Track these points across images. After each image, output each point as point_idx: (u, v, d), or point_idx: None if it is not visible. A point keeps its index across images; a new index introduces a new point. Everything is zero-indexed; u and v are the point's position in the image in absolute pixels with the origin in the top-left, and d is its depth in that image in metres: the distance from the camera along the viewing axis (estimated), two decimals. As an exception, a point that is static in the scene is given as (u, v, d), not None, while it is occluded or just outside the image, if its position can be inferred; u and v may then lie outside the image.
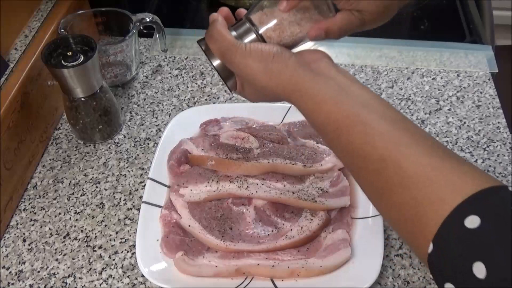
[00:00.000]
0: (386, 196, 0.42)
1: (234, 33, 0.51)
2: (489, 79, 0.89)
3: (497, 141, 0.79)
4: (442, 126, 0.82)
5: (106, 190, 0.74)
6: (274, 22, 0.50)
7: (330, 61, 0.49)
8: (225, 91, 0.88)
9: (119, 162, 0.78)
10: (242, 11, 0.54)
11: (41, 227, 0.70)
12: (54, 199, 0.74)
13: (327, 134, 0.46)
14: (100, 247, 0.68)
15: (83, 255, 0.67)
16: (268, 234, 0.65)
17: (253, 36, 0.51)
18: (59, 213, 0.72)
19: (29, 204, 0.73)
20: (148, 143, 0.81)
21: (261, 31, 0.51)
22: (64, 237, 0.69)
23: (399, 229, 0.42)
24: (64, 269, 0.66)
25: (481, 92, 0.87)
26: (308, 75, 0.47)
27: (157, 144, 0.76)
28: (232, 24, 0.52)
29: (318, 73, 0.47)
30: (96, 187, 0.75)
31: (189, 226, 0.66)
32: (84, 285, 0.64)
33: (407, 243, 0.43)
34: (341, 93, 0.45)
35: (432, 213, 0.37)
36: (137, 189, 0.74)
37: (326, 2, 0.50)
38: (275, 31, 0.51)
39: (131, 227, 0.70)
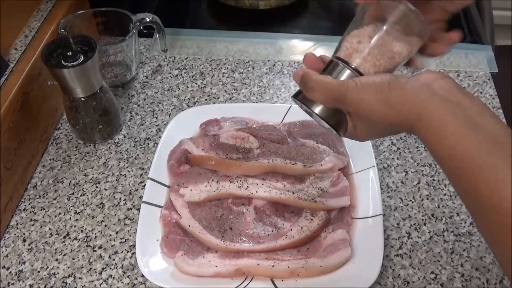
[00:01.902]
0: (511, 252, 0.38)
1: (330, 76, 0.49)
2: (489, 79, 0.89)
3: (497, 141, 0.79)
4: (442, 126, 0.82)
5: (106, 190, 0.74)
6: (365, 51, 0.48)
7: (452, 81, 0.45)
8: (225, 91, 0.88)
9: (119, 162, 0.78)
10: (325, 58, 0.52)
11: (41, 227, 0.70)
12: (54, 199, 0.74)
13: (447, 170, 0.42)
14: (100, 247, 0.68)
15: (83, 255, 0.67)
16: (268, 234, 0.65)
17: (347, 72, 0.48)
18: (59, 213, 0.72)
19: (29, 204, 0.73)
20: (148, 143, 0.81)
21: (354, 64, 0.48)
22: (64, 237, 0.69)
23: None
24: (64, 269, 0.66)
25: (481, 92, 0.87)
26: (431, 100, 0.42)
27: (157, 144, 0.76)
28: (323, 70, 0.50)
29: (442, 98, 0.42)
30: (96, 187, 0.75)
31: (189, 226, 0.66)
32: (84, 285, 0.64)
33: None
34: (468, 125, 0.40)
35: None
36: (137, 189, 0.74)
37: (416, 17, 0.47)
38: (370, 60, 0.48)
39: (131, 227, 0.70)
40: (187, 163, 0.73)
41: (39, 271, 0.66)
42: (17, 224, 0.71)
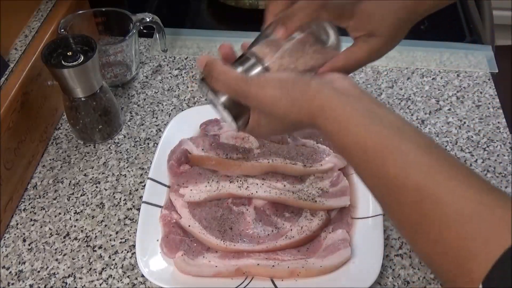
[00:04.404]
0: (423, 232, 0.38)
1: (239, 68, 0.49)
2: (489, 79, 0.89)
3: (497, 141, 0.79)
4: (442, 126, 0.82)
5: (106, 190, 0.74)
6: (279, 52, 0.49)
7: (353, 81, 0.47)
8: (225, 91, 0.88)
9: (119, 162, 0.78)
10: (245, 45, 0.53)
11: (41, 227, 0.70)
12: (54, 199, 0.74)
13: (353, 158, 0.43)
14: (100, 247, 0.68)
15: (83, 255, 0.67)
16: (268, 234, 0.65)
17: (259, 68, 0.49)
18: (59, 213, 0.72)
19: (29, 204, 0.73)
20: (148, 143, 0.81)
21: (266, 63, 0.49)
22: (64, 237, 0.69)
23: (437, 267, 0.39)
24: (64, 269, 0.66)
25: (481, 92, 0.87)
26: (333, 95, 0.44)
27: (157, 144, 0.76)
28: (235, 60, 0.50)
29: (343, 93, 0.45)
30: (96, 187, 0.75)
31: (189, 226, 0.66)
32: (84, 285, 0.64)
33: (445, 283, 0.39)
34: (370, 115, 0.42)
35: (481, 252, 0.34)
36: (137, 189, 0.74)
37: (325, 30, 0.50)
38: (282, 62, 0.49)
39: (131, 227, 0.70)
40: (187, 163, 0.73)
41: (39, 271, 0.66)
42: (17, 224, 0.71)
